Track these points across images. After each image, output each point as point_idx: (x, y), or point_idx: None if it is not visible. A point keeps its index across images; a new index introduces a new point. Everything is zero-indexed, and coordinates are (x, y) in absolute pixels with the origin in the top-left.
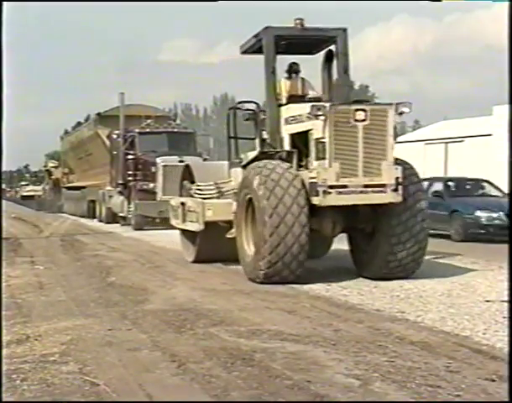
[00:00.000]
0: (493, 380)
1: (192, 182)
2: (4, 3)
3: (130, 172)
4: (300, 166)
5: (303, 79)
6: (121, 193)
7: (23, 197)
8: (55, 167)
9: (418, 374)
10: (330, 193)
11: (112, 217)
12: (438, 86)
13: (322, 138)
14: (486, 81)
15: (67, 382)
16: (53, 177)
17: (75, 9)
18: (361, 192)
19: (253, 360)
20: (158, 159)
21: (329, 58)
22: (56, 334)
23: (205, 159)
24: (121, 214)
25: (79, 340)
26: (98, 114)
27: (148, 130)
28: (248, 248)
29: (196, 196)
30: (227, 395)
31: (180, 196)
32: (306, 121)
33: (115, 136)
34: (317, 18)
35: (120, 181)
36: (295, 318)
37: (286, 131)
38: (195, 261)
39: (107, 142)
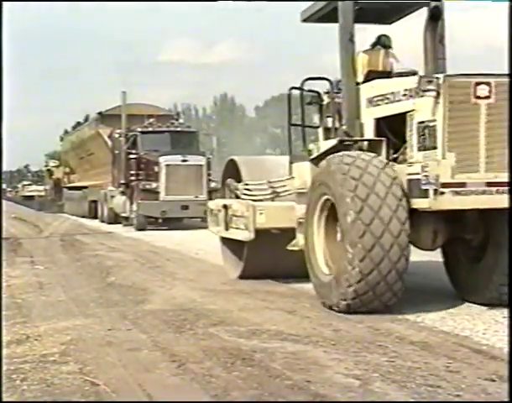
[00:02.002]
0: (493, 380)
1: (239, 181)
2: (4, 3)
3: (132, 172)
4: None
5: (386, 50)
6: (123, 193)
7: (24, 197)
8: (56, 167)
9: (418, 374)
10: (443, 193)
11: (114, 218)
12: None
13: (431, 120)
14: None
15: (67, 382)
16: (54, 177)
17: (75, 9)
18: (483, 193)
19: (253, 360)
20: (161, 159)
21: (435, 17)
22: (56, 334)
23: (208, 159)
24: (123, 214)
25: (79, 340)
26: (99, 113)
27: (150, 129)
28: (324, 266)
29: (245, 197)
30: (227, 395)
31: (223, 197)
32: (404, 99)
33: (117, 135)
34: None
35: (122, 181)
36: (295, 318)
37: (370, 114)
38: (242, 277)
39: (109, 141)
